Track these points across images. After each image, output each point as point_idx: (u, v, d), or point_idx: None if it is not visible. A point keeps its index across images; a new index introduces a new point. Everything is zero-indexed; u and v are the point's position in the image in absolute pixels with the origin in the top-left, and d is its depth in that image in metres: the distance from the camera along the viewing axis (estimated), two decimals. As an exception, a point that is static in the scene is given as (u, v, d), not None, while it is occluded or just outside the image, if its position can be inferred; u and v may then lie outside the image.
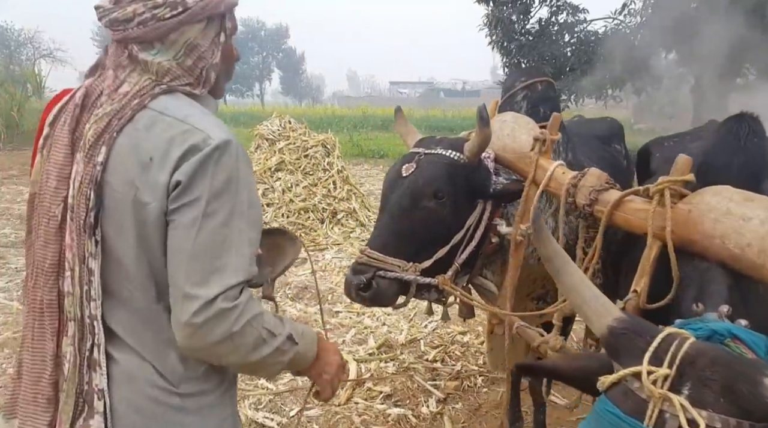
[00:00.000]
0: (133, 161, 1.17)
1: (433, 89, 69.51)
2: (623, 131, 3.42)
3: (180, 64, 1.25)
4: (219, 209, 1.17)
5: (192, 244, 1.15)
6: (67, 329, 1.20)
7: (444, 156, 2.09)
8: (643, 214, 1.61)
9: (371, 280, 1.98)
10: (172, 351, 1.22)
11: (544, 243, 1.26)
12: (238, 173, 1.20)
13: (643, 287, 1.57)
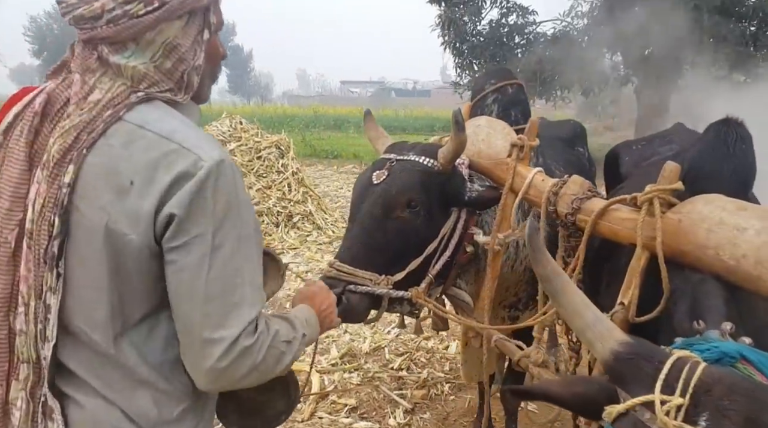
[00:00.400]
0: (107, 184, 1.02)
1: (385, 89, 69.64)
2: (586, 133, 3.42)
3: (158, 68, 1.09)
4: (226, 240, 1.05)
5: (204, 285, 1.03)
6: (18, 372, 1.06)
7: (417, 163, 1.99)
8: (630, 223, 1.55)
9: (341, 295, 1.86)
10: (143, 392, 1.10)
11: (542, 262, 1.17)
12: (237, 194, 1.08)
13: (631, 300, 1.50)
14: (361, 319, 1.96)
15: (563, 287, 1.17)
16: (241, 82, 70.90)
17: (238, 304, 1.06)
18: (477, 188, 2.01)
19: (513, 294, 2.45)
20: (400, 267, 1.94)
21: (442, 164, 1.97)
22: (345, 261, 1.91)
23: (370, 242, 1.92)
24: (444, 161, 1.97)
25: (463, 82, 14.63)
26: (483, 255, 2.18)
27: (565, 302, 1.16)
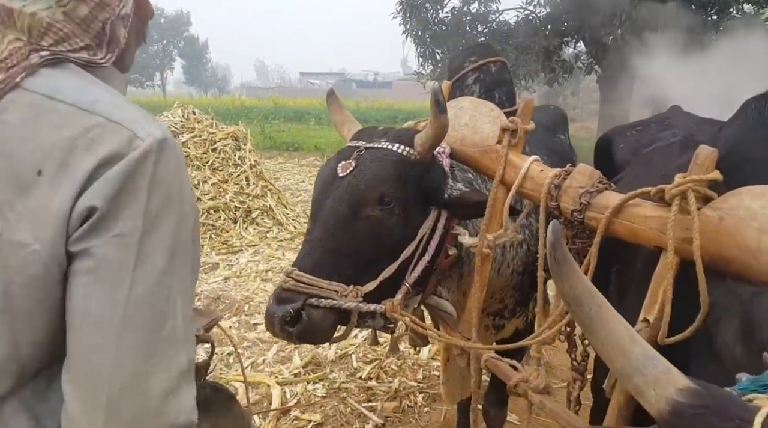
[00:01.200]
0: (10, 170, 0.75)
1: (345, 80, 68.92)
2: (567, 120, 3.16)
3: (68, 16, 0.83)
4: (157, 248, 0.78)
5: (123, 309, 0.75)
6: None
7: (390, 151, 1.67)
8: (655, 223, 1.27)
9: (300, 310, 1.54)
10: None
11: (571, 280, 0.87)
12: (181, 188, 0.82)
13: (662, 317, 1.22)
14: (325, 339, 1.63)
15: (602, 315, 0.87)
16: (197, 73, 69.13)
17: (170, 342, 0.78)
18: (460, 188, 1.70)
19: (498, 301, 2.16)
20: (372, 275, 1.62)
21: (420, 153, 1.66)
22: (305, 270, 1.58)
23: (335, 246, 1.60)
24: (422, 148, 1.65)
25: (425, 72, 14.36)
26: (467, 258, 1.88)
27: (604, 335, 0.86)
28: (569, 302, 0.90)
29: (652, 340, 1.26)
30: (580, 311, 0.89)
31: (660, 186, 1.26)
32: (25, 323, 0.76)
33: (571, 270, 0.88)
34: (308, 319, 1.54)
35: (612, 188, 1.42)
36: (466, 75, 2.06)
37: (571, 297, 0.89)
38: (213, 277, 5.58)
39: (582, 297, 0.88)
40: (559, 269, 0.88)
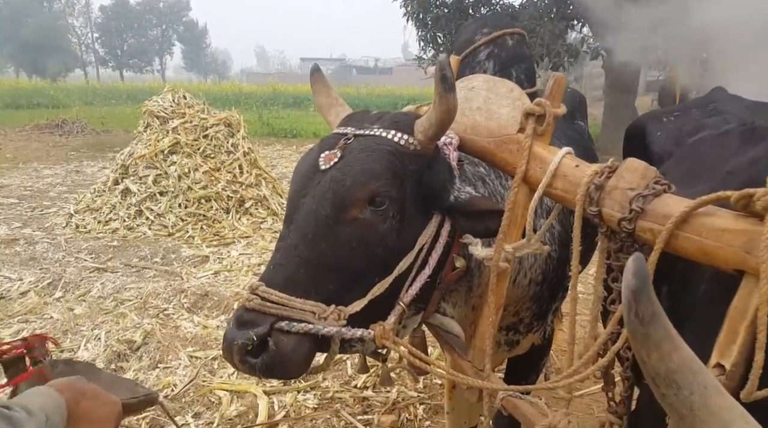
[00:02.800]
0: None
1: (346, 66, 68.24)
2: (586, 104, 2.84)
3: None
4: None
5: None
6: None
7: (385, 140, 1.35)
8: (738, 238, 0.95)
9: (267, 337, 1.21)
10: None
11: (662, 347, 0.57)
12: None
13: (755, 367, 0.90)
14: (298, 372, 1.29)
15: (711, 403, 0.56)
16: (196, 58, 68.42)
17: None
18: (469, 191, 1.38)
19: (513, 314, 1.85)
20: (359, 293, 1.30)
21: (421, 142, 1.34)
22: (275, 285, 1.26)
23: (313, 256, 1.27)
24: (423, 136, 1.33)
25: (427, 57, 13.95)
26: (477, 270, 1.57)
27: (699, 408, 0.55)
28: (657, 380, 0.59)
29: (731, 393, 0.96)
30: (675, 395, 0.59)
31: (746, 190, 0.94)
32: None
33: (663, 335, 0.57)
34: (276, 348, 1.21)
35: (672, 191, 1.10)
36: (477, 50, 1.73)
37: (662, 373, 0.59)
38: (202, 271, 5.29)
39: (679, 375, 0.57)
40: (644, 331, 0.58)
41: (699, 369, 0.58)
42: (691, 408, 0.57)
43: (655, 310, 0.57)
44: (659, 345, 0.57)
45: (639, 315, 0.57)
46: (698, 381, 0.57)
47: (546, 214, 1.74)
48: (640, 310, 0.57)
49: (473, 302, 1.67)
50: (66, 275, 5.07)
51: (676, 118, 1.97)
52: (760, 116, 1.70)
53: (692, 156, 1.62)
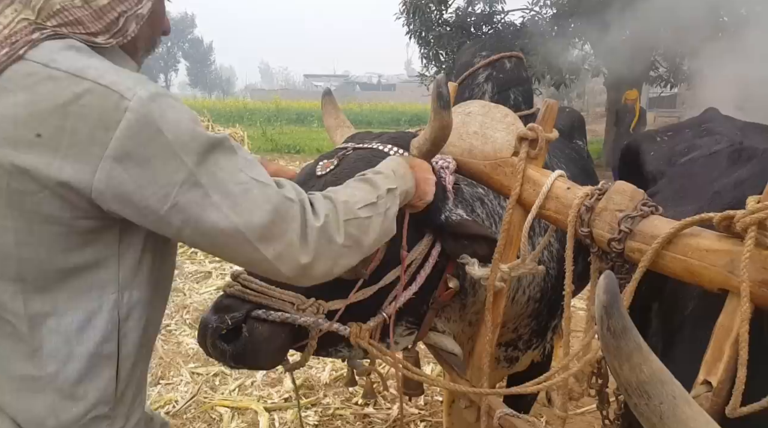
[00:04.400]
0: (7, 134, 0.84)
1: (349, 83, 68.75)
2: (584, 124, 2.89)
3: (87, 2, 0.91)
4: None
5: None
6: None
7: (380, 152, 1.41)
8: (721, 258, 0.99)
9: (241, 322, 1.23)
10: (39, 398, 0.94)
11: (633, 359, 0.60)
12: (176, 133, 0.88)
13: (737, 383, 0.94)
14: (270, 363, 1.31)
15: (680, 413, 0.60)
16: (201, 75, 69.07)
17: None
18: (460, 214, 1.41)
19: (512, 330, 1.87)
20: (341, 293, 1.33)
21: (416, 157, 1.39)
22: (257, 275, 1.28)
23: None
24: (418, 152, 1.38)
25: (429, 74, 14.08)
26: (471, 289, 1.60)
27: None
28: (629, 391, 0.63)
29: (717, 409, 0.99)
30: (646, 404, 0.62)
31: (727, 212, 0.98)
32: (39, 250, 0.90)
33: (634, 347, 0.61)
34: (249, 335, 1.22)
35: (659, 212, 1.14)
36: (476, 72, 1.78)
37: (633, 384, 0.62)
38: (204, 287, 5.31)
39: (649, 385, 0.61)
40: (616, 344, 0.62)
41: (668, 379, 0.61)
42: (661, 417, 0.60)
43: (625, 324, 0.61)
44: (630, 357, 0.61)
45: (611, 329, 0.61)
46: (667, 391, 0.61)
47: (544, 232, 1.78)
48: (611, 324, 0.61)
49: (469, 318, 1.71)
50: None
51: (669, 137, 2.02)
52: (750, 137, 1.75)
53: (684, 176, 1.67)
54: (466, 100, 1.72)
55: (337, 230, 1.03)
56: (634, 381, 0.61)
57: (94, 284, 0.94)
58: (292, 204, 0.97)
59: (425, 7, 12.40)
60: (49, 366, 0.93)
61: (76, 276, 0.93)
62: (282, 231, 0.95)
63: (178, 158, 0.87)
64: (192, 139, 0.88)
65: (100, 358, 0.96)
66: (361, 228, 1.08)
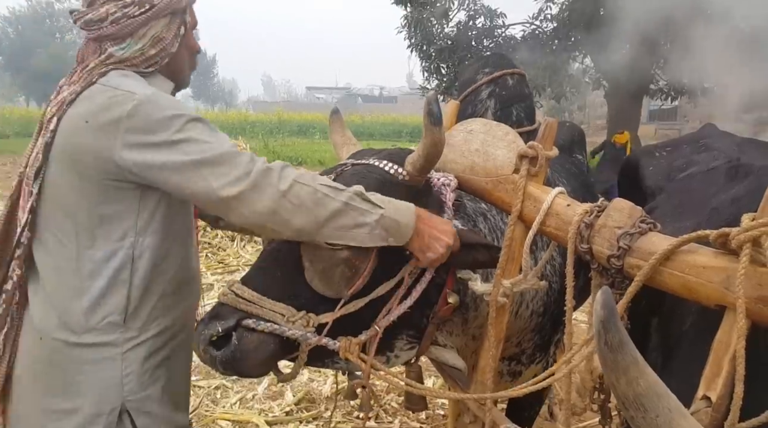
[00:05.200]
0: (74, 125, 1.31)
1: (351, 95, 69.02)
2: (585, 138, 2.91)
3: (143, 54, 1.39)
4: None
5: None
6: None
7: (375, 168, 1.44)
8: (717, 275, 1.01)
9: (232, 330, 1.27)
10: (77, 302, 1.34)
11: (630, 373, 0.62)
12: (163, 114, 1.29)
13: (735, 399, 0.95)
14: (258, 371, 1.35)
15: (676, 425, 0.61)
16: (204, 87, 69.38)
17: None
18: (455, 224, 1.43)
19: (515, 345, 1.89)
20: (332, 307, 1.35)
21: (410, 173, 1.42)
22: (251, 285, 1.33)
23: (290, 264, 1.34)
24: (412, 168, 1.41)
25: (431, 87, 14.16)
26: (472, 304, 1.62)
27: None
28: (626, 404, 0.65)
29: (717, 425, 1.00)
30: (643, 418, 0.64)
31: (723, 230, 1.00)
32: (88, 203, 1.35)
33: (630, 360, 0.63)
34: (237, 343, 1.27)
35: (657, 229, 1.16)
36: (479, 89, 1.81)
37: (630, 397, 0.64)
38: (207, 299, 5.31)
39: (646, 398, 0.63)
40: (613, 357, 0.63)
41: (664, 393, 0.63)
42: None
43: (622, 338, 0.63)
44: (627, 371, 0.63)
45: (608, 343, 0.63)
46: (663, 404, 0.62)
47: (546, 247, 1.80)
48: (608, 338, 0.63)
49: (472, 332, 1.72)
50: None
51: (668, 153, 2.04)
52: (748, 153, 1.77)
53: (682, 191, 1.69)
54: (469, 117, 1.75)
55: (281, 179, 1.24)
56: (630, 394, 0.63)
57: (118, 229, 1.34)
58: (241, 154, 1.27)
59: (427, 21, 12.48)
60: (85, 281, 1.34)
61: (107, 222, 1.33)
62: (227, 170, 1.24)
63: (162, 127, 1.26)
64: (175, 115, 1.27)
65: (117, 281, 1.35)
66: (313, 199, 1.25)
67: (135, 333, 1.39)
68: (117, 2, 1.33)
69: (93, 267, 1.33)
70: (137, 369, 1.38)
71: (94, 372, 1.34)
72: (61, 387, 1.34)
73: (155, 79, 1.42)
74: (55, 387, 1.34)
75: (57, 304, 1.34)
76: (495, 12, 13.58)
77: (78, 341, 1.33)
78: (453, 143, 1.53)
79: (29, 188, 1.34)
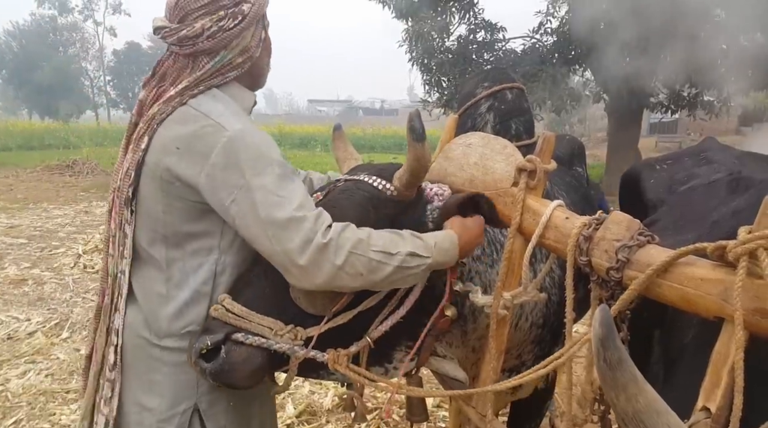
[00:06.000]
0: (164, 147, 1.36)
1: (352, 108, 69.31)
2: (584, 151, 2.92)
3: (231, 62, 1.42)
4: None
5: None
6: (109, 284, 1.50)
7: (365, 184, 1.47)
8: (715, 287, 1.02)
9: (221, 343, 1.33)
10: (163, 309, 1.43)
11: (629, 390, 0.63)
12: (258, 152, 1.34)
13: (734, 410, 0.95)
14: (247, 383, 1.39)
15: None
16: (206, 100, 69.54)
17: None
18: (437, 205, 1.47)
19: (515, 357, 1.89)
20: (321, 319, 1.39)
21: (397, 188, 1.44)
22: (241, 299, 1.38)
23: (279, 279, 1.37)
24: (399, 183, 1.44)
25: (432, 100, 14.23)
26: (470, 316, 1.63)
27: None
28: (626, 420, 0.65)
29: (716, 437, 1.01)
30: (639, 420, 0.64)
31: (720, 242, 1.01)
32: (173, 218, 1.42)
33: (629, 377, 0.64)
34: (226, 356, 1.32)
35: (655, 241, 1.17)
36: (478, 103, 1.83)
37: (630, 414, 0.65)
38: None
39: (645, 415, 0.63)
40: (612, 375, 0.64)
41: (663, 409, 0.63)
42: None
43: (621, 356, 0.63)
44: (626, 388, 0.63)
45: (607, 360, 0.63)
46: (662, 420, 0.63)
47: (545, 259, 1.81)
48: (607, 356, 0.63)
49: (472, 344, 1.73)
50: (73, 316, 5.12)
51: (668, 166, 2.06)
52: (748, 166, 1.79)
53: (683, 205, 1.70)
54: (469, 130, 1.77)
55: (337, 253, 1.26)
56: (630, 411, 0.64)
57: (204, 246, 1.42)
58: (304, 220, 1.28)
59: (427, 35, 12.55)
60: (171, 291, 1.42)
61: (195, 239, 1.41)
62: (289, 237, 1.26)
63: (241, 169, 1.29)
64: (258, 157, 1.31)
65: (200, 294, 1.42)
66: (368, 268, 1.29)
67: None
68: (212, 16, 1.35)
69: (180, 278, 1.42)
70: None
71: (172, 374, 1.43)
72: (142, 382, 1.45)
73: (234, 88, 1.46)
74: (140, 380, 1.45)
75: (145, 308, 1.44)
76: (495, 26, 13.68)
77: (159, 343, 1.43)
78: (452, 157, 1.54)
79: (119, 202, 1.43)
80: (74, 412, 3.48)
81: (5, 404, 3.56)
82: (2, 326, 4.85)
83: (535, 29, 13.59)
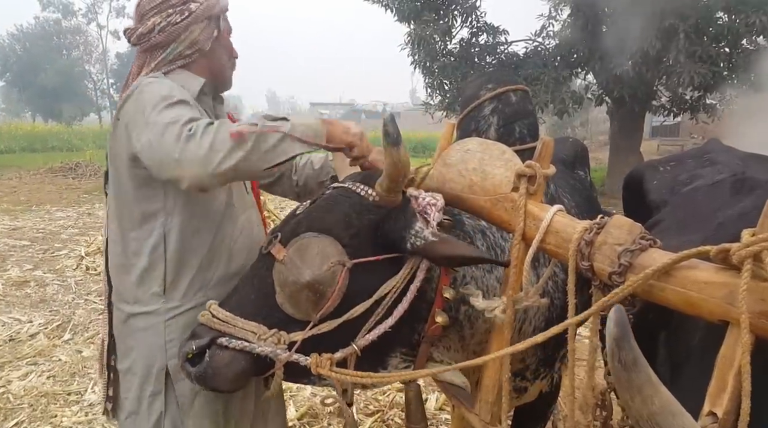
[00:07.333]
0: (119, 122, 1.54)
1: (355, 111, 69.37)
2: (587, 154, 2.91)
3: (180, 54, 1.62)
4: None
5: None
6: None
7: (348, 191, 1.49)
8: (719, 291, 1.01)
9: (206, 348, 1.37)
10: (127, 278, 1.61)
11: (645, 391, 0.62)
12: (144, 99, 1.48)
13: (741, 416, 0.94)
14: (230, 386, 1.41)
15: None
16: (209, 103, 69.70)
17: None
18: (426, 236, 1.39)
19: (519, 360, 1.88)
20: (306, 325, 1.39)
21: (379, 193, 1.44)
22: (228, 306, 1.42)
23: (264, 286, 1.41)
24: (381, 189, 1.44)
25: (434, 103, 14.22)
26: (466, 322, 1.61)
27: None
28: (641, 422, 0.65)
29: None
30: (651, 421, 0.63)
31: (723, 245, 1.00)
32: (124, 186, 1.61)
33: (645, 379, 0.63)
34: (209, 360, 1.36)
35: (658, 245, 1.16)
36: (482, 105, 1.82)
37: (645, 416, 0.64)
38: (210, 315, 5.32)
39: (660, 417, 0.62)
40: (627, 376, 0.63)
41: (678, 411, 0.63)
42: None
43: (636, 356, 0.62)
44: (641, 389, 0.62)
45: (621, 361, 0.63)
46: (677, 422, 0.62)
47: (547, 263, 1.80)
48: (622, 356, 0.63)
49: (473, 349, 1.71)
50: (75, 318, 5.13)
51: (672, 167, 2.05)
52: (752, 167, 1.78)
53: (687, 206, 1.69)
54: (472, 133, 1.76)
55: (203, 136, 1.34)
56: (645, 413, 0.63)
57: (151, 210, 1.56)
58: (176, 123, 1.38)
59: (430, 38, 12.55)
60: (131, 259, 1.59)
61: (142, 205, 1.55)
62: (166, 139, 1.36)
63: (146, 109, 1.42)
64: (160, 99, 1.43)
65: (155, 257, 1.57)
66: (235, 140, 1.37)
67: (176, 303, 1.60)
68: (161, 13, 1.55)
69: (136, 247, 1.57)
70: (178, 337, 1.55)
71: (143, 338, 1.58)
72: (124, 350, 1.63)
73: (178, 74, 1.62)
74: (121, 348, 1.64)
75: (115, 281, 1.62)
76: (498, 29, 13.69)
77: (131, 311, 1.59)
78: (450, 163, 1.54)
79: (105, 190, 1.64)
80: (75, 414, 3.48)
81: (7, 406, 3.56)
82: (4, 327, 4.85)
83: (537, 32, 13.61)
